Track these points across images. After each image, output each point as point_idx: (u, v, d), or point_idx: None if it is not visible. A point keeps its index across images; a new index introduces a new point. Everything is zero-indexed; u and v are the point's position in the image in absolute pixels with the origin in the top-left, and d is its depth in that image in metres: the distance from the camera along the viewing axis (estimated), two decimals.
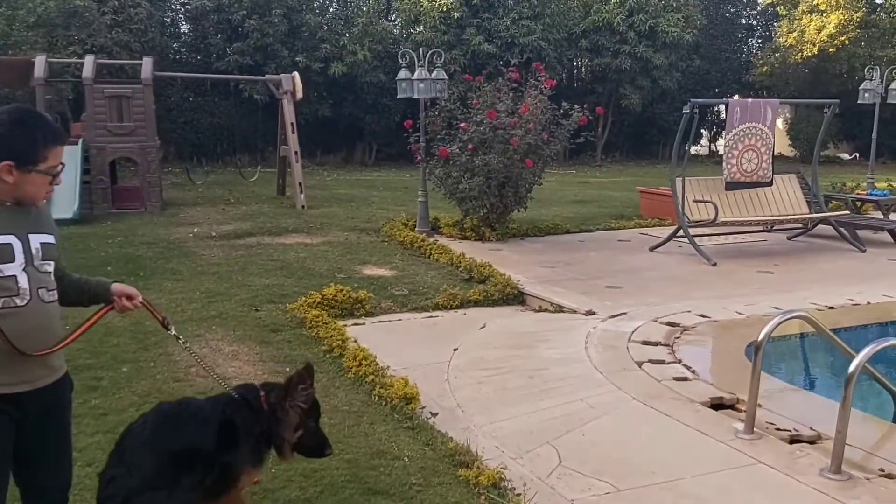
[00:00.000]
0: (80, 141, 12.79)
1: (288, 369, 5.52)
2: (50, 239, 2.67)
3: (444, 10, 22.25)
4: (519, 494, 3.81)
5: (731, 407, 5.01)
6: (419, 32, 22.86)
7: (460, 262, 8.79)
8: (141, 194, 13.18)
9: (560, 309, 7.45)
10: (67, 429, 2.83)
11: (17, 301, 2.51)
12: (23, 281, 2.52)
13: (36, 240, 2.60)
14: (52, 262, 2.66)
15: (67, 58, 16.46)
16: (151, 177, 13.16)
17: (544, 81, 10.72)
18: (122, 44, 19.46)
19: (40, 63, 13.09)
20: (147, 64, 13.39)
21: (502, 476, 3.94)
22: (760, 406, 4.62)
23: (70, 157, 12.45)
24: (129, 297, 2.89)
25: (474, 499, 3.77)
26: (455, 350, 6.15)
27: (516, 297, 7.87)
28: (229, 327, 6.45)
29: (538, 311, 7.60)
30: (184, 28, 24.04)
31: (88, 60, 13.26)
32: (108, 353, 5.60)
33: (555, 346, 6.21)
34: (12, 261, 2.50)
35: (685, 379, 5.43)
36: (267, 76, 16.25)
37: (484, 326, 6.88)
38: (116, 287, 2.90)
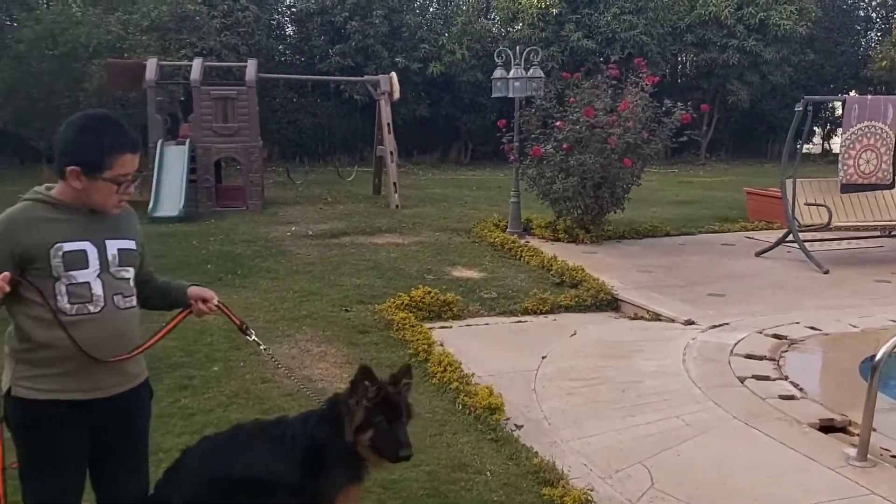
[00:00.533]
0: (188, 141, 13.27)
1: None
2: (129, 245, 2.63)
3: (543, 6, 21.94)
4: None
5: (843, 430, 4.64)
6: (517, 30, 22.66)
7: (552, 265, 8.57)
8: (243, 193, 13.54)
9: (657, 317, 7.13)
10: (144, 437, 2.79)
11: (91, 308, 2.49)
12: (97, 287, 2.50)
13: (113, 246, 2.57)
14: (130, 269, 2.62)
15: (179, 60, 17.11)
16: (254, 176, 13.51)
17: (646, 78, 10.34)
18: (231, 46, 20.11)
19: (152, 66, 13.64)
20: (251, 66, 13.75)
21: (589, 497, 3.74)
22: (874, 430, 4.24)
23: (177, 156, 12.97)
24: (205, 301, 2.85)
25: None
26: (543, 358, 5.97)
27: (610, 304, 7.59)
28: (319, 327, 6.48)
29: (633, 318, 7.31)
30: (289, 30, 24.65)
31: (196, 63, 13.75)
32: (200, 351, 5.71)
33: (650, 358, 5.93)
34: (86, 267, 2.49)
35: (792, 397, 5.07)
36: (365, 77, 16.45)
37: (575, 334, 6.65)
38: (193, 290, 2.87)
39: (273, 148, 22.83)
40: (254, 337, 3.05)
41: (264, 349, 3.17)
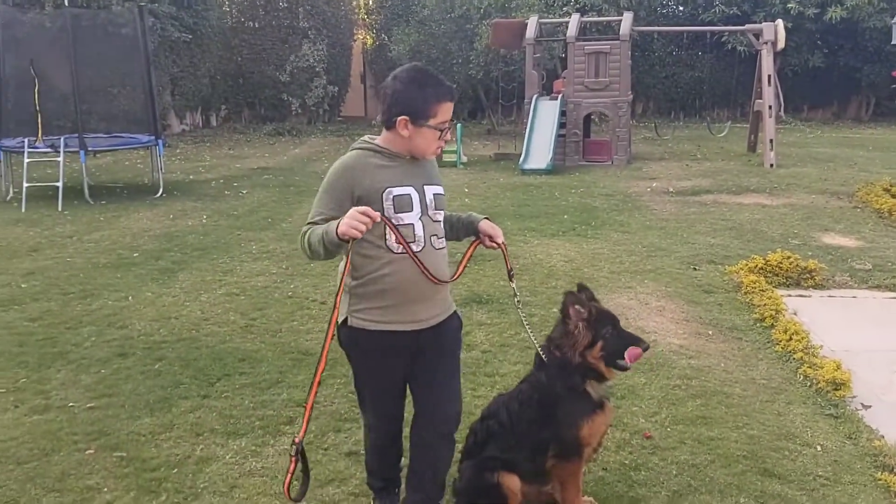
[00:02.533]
0: (560, 96, 13.79)
1: (710, 332, 5.37)
2: (440, 190, 2.91)
3: None
4: None
5: None
6: None
7: None
8: (609, 148, 13.73)
9: None
10: (454, 356, 3.04)
11: (414, 247, 2.77)
12: (419, 229, 2.79)
13: (430, 191, 2.86)
14: (442, 212, 2.90)
15: (561, 17, 17.70)
16: (621, 131, 13.61)
17: None
18: (612, 1, 20.20)
19: (532, 24, 14.38)
20: (626, 20, 13.75)
21: None
22: None
23: (550, 111, 13.57)
24: (491, 237, 3.01)
25: None
26: None
27: None
28: (662, 282, 6.45)
29: None
30: None
31: (573, 19, 14.15)
32: (544, 293, 6.06)
33: None
34: (411, 210, 2.78)
35: None
36: (747, 26, 15.35)
37: None
38: (483, 225, 3.02)
39: (648, 103, 22.61)
40: (514, 285, 3.11)
41: (518, 301, 3.17)
